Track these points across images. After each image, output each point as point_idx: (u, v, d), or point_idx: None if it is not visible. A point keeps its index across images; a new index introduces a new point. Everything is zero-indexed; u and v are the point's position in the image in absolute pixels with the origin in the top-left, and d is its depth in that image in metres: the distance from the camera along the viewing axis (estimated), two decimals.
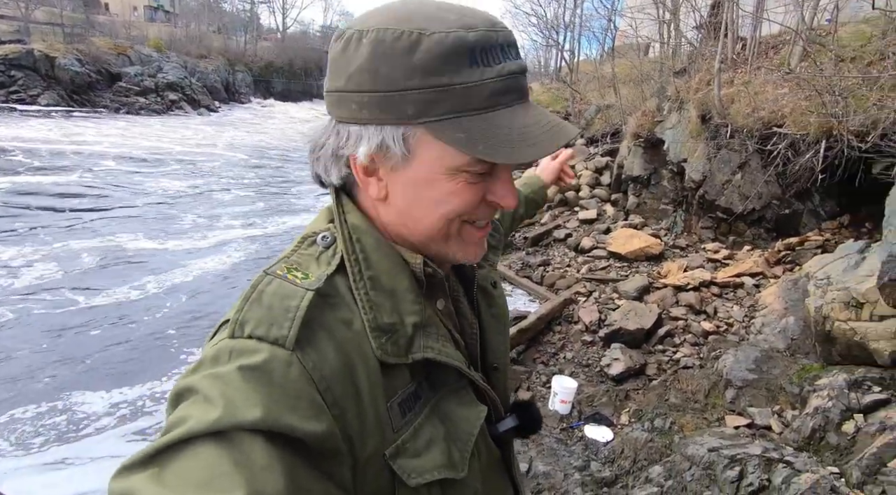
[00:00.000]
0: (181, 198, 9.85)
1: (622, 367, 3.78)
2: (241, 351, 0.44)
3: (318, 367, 0.46)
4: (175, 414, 0.42)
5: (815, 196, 5.11)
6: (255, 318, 0.46)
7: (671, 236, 6.39)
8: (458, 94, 0.47)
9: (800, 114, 4.69)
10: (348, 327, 0.49)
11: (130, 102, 23.39)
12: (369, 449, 0.48)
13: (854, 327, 2.90)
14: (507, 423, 0.65)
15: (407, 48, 0.46)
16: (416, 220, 0.54)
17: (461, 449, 0.55)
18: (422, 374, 0.54)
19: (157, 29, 34.19)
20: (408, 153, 0.50)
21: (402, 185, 0.52)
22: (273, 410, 0.41)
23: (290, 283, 0.49)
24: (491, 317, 0.69)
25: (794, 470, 2.25)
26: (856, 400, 2.61)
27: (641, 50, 10.86)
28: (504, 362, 0.71)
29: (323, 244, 0.54)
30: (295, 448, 0.42)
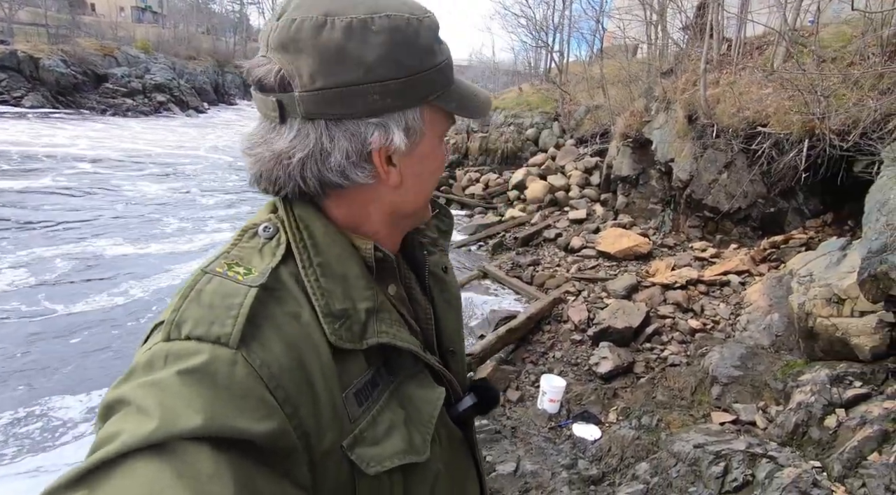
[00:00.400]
0: (163, 201, 9.62)
1: (610, 366, 3.80)
2: (178, 354, 0.42)
3: (267, 364, 0.44)
4: (104, 429, 0.39)
5: (799, 194, 5.18)
6: (194, 318, 0.44)
7: (659, 235, 6.45)
8: (444, 69, 0.53)
9: (783, 113, 4.76)
10: (297, 320, 0.48)
11: (117, 104, 23.12)
12: (327, 443, 0.47)
13: (836, 323, 2.94)
14: (466, 402, 0.65)
15: (415, 34, 0.50)
16: (419, 194, 0.58)
17: (423, 433, 0.54)
18: (378, 360, 0.54)
19: (145, 30, 33.86)
20: (424, 128, 0.54)
21: (413, 164, 0.55)
22: (218, 414, 0.39)
23: (230, 281, 0.47)
24: (444, 302, 0.69)
25: (777, 465, 2.28)
26: (837, 395, 2.64)
27: (629, 51, 10.95)
28: (460, 346, 0.71)
29: (265, 235, 0.52)
30: (245, 451, 0.40)
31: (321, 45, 0.47)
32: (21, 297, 5.13)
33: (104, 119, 20.94)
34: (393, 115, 0.51)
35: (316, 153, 0.50)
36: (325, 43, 0.47)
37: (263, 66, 0.50)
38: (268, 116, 0.51)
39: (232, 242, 0.52)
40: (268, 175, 0.52)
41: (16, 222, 7.41)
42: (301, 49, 0.47)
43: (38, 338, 4.46)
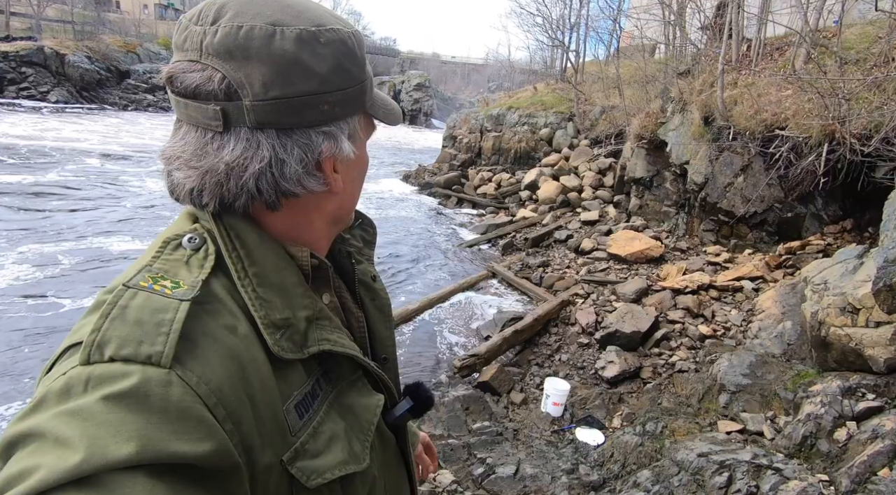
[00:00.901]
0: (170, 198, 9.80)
1: (617, 370, 3.76)
2: (102, 377, 0.38)
3: (205, 381, 0.41)
4: (11, 467, 0.35)
5: (817, 199, 5.05)
6: (119, 337, 0.40)
7: (673, 238, 6.35)
8: (370, 78, 0.56)
9: (803, 116, 4.64)
10: (233, 333, 0.46)
11: (138, 99, 23.62)
12: (267, 458, 0.45)
13: (849, 333, 2.86)
14: (402, 407, 0.66)
15: (356, 46, 0.52)
16: (353, 198, 0.60)
17: (362, 441, 0.55)
18: (317, 370, 0.53)
19: (167, 26, 34.46)
20: (362, 136, 0.57)
21: (351, 169, 0.57)
22: (153, 440, 0.36)
23: (158, 295, 0.43)
24: (376, 310, 0.70)
25: (782, 477, 2.23)
26: (849, 408, 2.57)
27: (647, 51, 10.79)
28: (392, 353, 0.71)
29: (191, 246, 0.49)
30: (185, 475, 0.38)
31: (275, 54, 0.46)
32: (28, 291, 5.14)
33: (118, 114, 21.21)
34: (339, 123, 0.52)
35: (273, 164, 0.48)
36: (278, 52, 0.46)
37: (196, 72, 0.47)
38: (203, 125, 0.48)
39: (153, 255, 0.48)
40: (213, 189, 0.49)
41: (21, 217, 7.39)
42: (251, 57, 0.46)
43: (46, 332, 4.49)
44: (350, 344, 0.56)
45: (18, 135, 13.76)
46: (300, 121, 0.49)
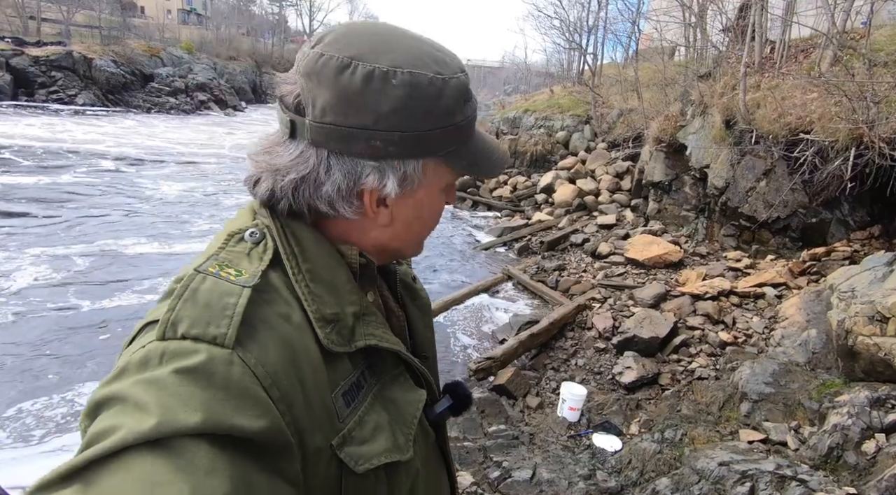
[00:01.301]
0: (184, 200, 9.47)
1: (634, 376, 3.71)
2: (174, 352, 0.42)
3: (262, 364, 0.45)
4: (98, 424, 0.39)
5: (843, 205, 4.92)
6: (190, 317, 0.44)
7: (692, 243, 6.25)
8: (462, 127, 0.55)
9: (829, 120, 4.53)
10: (288, 322, 0.49)
11: (161, 102, 24.15)
12: (317, 441, 0.48)
13: (878, 343, 2.78)
14: (442, 404, 0.68)
15: (437, 94, 0.52)
16: (406, 239, 0.61)
17: (405, 433, 0.57)
18: (363, 364, 0.56)
19: (189, 31, 35.27)
20: (423, 179, 0.56)
21: (407, 209, 0.58)
22: (216, 413, 0.40)
23: (224, 281, 0.48)
24: (416, 309, 0.72)
25: (808, 489, 2.18)
26: (878, 419, 2.50)
27: (666, 53, 10.66)
28: (432, 352, 0.74)
29: (252, 240, 0.53)
30: (242, 448, 0.41)
31: (340, 85, 0.50)
32: (47, 293, 5.18)
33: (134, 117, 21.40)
34: (392, 162, 0.53)
35: (310, 179, 0.53)
36: (343, 84, 0.49)
37: (289, 85, 0.54)
38: (281, 129, 0.55)
39: (219, 246, 0.52)
40: (266, 184, 0.54)
41: (36, 218, 7.44)
42: (321, 82, 0.50)
43: (66, 331, 4.56)
44: (394, 339, 0.58)
45: (35, 136, 14.02)
46: (347, 149, 0.52)
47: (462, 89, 0.54)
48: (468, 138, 0.57)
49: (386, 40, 0.52)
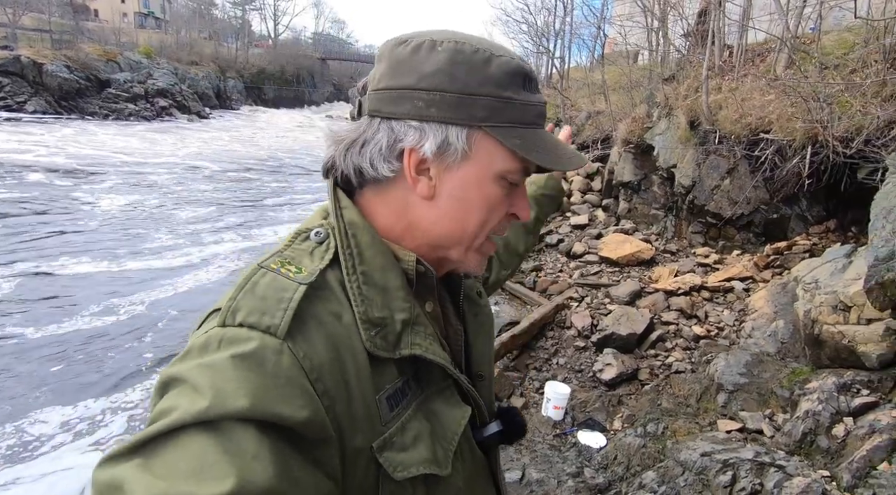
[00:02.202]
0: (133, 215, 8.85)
1: (615, 372, 3.78)
2: (232, 339, 0.45)
3: (309, 357, 0.46)
4: (161, 404, 0.42)
5: (802, 201, 5.17)
6: (248, 307, 0.47)
7: (662, 241, 6.44)
8: (518, 107, 0.54)
9: (786, 120, 4.76)
10: (338, 320, 0.50)
11: (119, 109, 23.23)
12: (358, 441, 0.49)
13: (842, 330, 2.93)
14: (491, 429, 0.66)
15: (483, 61, 0.53)
16: (454, 222, 0.57)
17: (445, 448, 0.56)
18: (409, 372, 0.55)
19: (148, 35, 34.08)
20: (469, 152, 0.54)
21: (452, 184, 0.55)
22: (263, 399, 0.42)
23: (283, 277, 0.50)
24: (478, 326, 0.70)
25: (785, 474, 2.26)
26: (845, 404, 2.63)
27: (631, 57, 10.99)
28: (489, 371, 0.71)
29: (316, 239, 0.55)
30: (286, 436, 0.42)
31: (394, 55, 0.54)
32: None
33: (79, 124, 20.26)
34: (434, 125, 0.53)
35: (359, 141, 0.56)
36: (396, 54, 0.54)
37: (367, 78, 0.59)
38: (355, 113, 0.59)
39: (286, 243, 0.56)
40: (331, 155, 0.58)
41: None
42: (381, 59, 0.56)
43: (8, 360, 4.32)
44: (441, 353, 0.57)
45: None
46: (395, 111, 0.54)
47: (518, 70, 0.54)
48: (527, 123, 0.55)
49: (449, 32, 0.55)
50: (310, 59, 48.43)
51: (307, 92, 46.21)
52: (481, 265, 0.62)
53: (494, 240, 0.63)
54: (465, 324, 0.68)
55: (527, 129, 0.55)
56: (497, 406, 0.70)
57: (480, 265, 0.62)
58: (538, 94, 0.57)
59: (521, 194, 0.60)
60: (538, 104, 0.56)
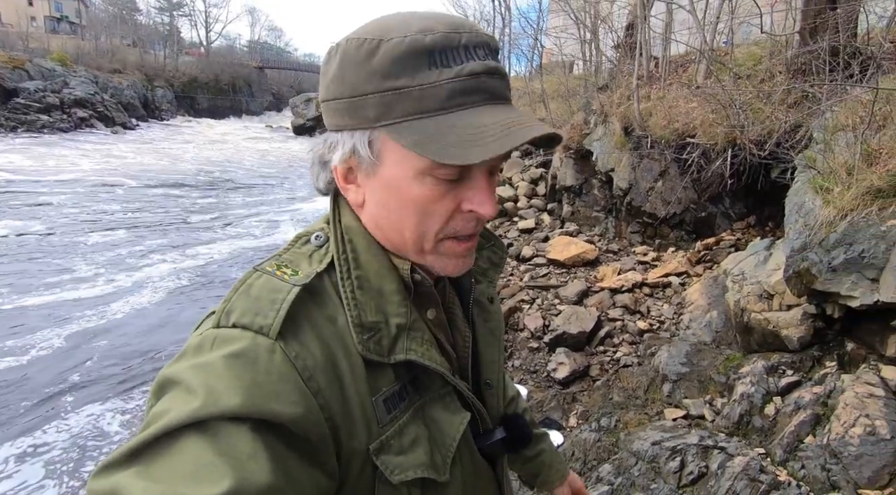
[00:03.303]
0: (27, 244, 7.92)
1: (567, 371, 3.90)
2: (225, 339, 0.45)
3: (301, 357, 0.46)
4: (157, 407, 0.42)
5: (725, 199, 5.61)
6: (241, 308, 0.48)
7: (604, 241, 6.75)
8: (415, 96, 0.47)
9: (708, 125, 5.16)
10: (333, 323, 0.51)
11: (30, 120, 21.24)
12: (354, 442, 0.49)
13: (767, 317, 3.19)
14: (495, 435, 0.64)
15: (367, 54, 0.48)
16: (393, 228, 0.54)
17: (443, 454, 0.55)
18: (406, 377, 0.54)
19: (62, 41, 31.48)
20: (374, 158, 0.51)
21: (375, 191, 0.53)
22: (257, 397, 0.42)
23: (278, 279, 0.51)
24: (487, 332, 0.68)
25: (727, 455, 2.42)
26: (774, 384, 2.86)
27: (567, 67, 11.51)
28: (497, 379, 0.69)
29: (316, 243, 0.56)
30: (281, 434, 0.42)
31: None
32: None
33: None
34: (344, 134, 0.52)
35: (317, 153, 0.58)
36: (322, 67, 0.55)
37: None
38: None
39: (286, 247, 0.56)
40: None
41: None
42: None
43: None
44: (439, 359, 0.56)
45: None
46: (327, 124, 0.55)
47: (411, 50, 0.46)
48: (433, 110, 0.47)
49: (378, 21, 0.51)
50: (246, 68, 46.72)
51: (245, 101, 44.49)
52: (456, 266, 0.56)
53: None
54: (474, 329, 0.66)
55: (432, 117, 0.47)
56: (504, 414, 0.70)
57: (455, 267, 0.56)
58: (463, 64, 0.47)
59: (473, 186, 0.51)
60: (454, 79, 0.46)
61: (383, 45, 0.47)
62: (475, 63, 0.47)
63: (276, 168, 19.30)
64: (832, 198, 2.73)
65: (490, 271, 0.70)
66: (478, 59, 0.48)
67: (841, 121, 3.19)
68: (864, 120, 2.84)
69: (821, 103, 3.72)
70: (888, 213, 2.43)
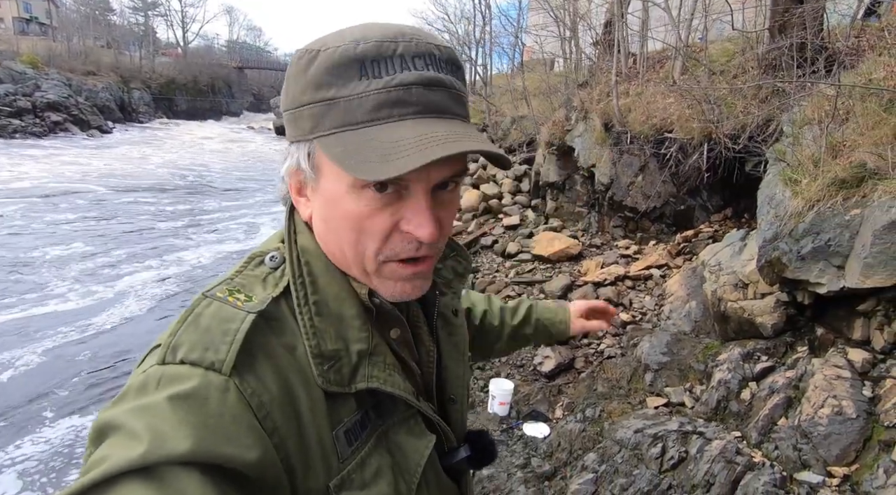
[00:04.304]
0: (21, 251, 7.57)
1: (553, 364, 3.97)
2: (171, 377, 0.42)
3: (258, 394, 0.43)
4: (95, 454, 0.39)
5: (703, 192, 5.75)
6: (190, 342, 0.44)
7: (588, 236, 6.86)
8: (342, 107, 0.45)
9: (685, 120, 5.28)
10: (291, 353, 0.47)
11: (2, 125, 20.63)
12: (312, 481, 0.46)
13: (742, 305, 3.30)
14: (459, 454, 0.63)
15: (305, 65, 0.47)
16: (335, 245, 0.52)
17: (408, 481, 0.53)
18: (368, 403, 0.52)
19: (32, 43, 30.60)
20: (312, 170, 0.49)
21: (319, 205, 0.51)
22: (207, 440, 0.39)
23: (231, 306, 0.47)
24: (451, 347, 0.66)
25: (706, 439, 2.51)
26: (749, 370, 2.96)
27: (547, 65, 11.61)
28: (462, 394, 0.68)
29: (271, 265, 0.52)
30: (232, 479, 0.39)
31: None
32: None
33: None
34: (294, 145, 0.51)
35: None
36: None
37: None
38: None
39: (238, 269, 0.52)
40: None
41: None
42: None
43: None
44: (401, 383, 0.54)
45: None
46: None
47: (343, 59, 0.45)
48: (356, 121, 0.45)
49: (333, 32, 0.50)
50: (225, 68, 46.05)
51: (224, 102, 43.84)
52: (403, 291, 0.53)
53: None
54: (438, 344, 0.64)
55: (357, 129, 0.45)
56: (468, 431, 0.68)
57: (402, 291, 0.53)
58: (395, 75, 0.45)
59: (411, 205, 0.48)
60: (382, 90, 0.44)
61: (320, 55, 0.46)
62: (408, 73, 0.45)
63: (255, 170, 19.06)
64: (800, 190, 2.84)
65: (454, 282, 0.66)
66: (413, 70, 0.45)
67: (808, 115, 3.31)
68: (828, 114, 2.96)
69: (789, 98, 3.85)
70: (851, 203, 2.55)
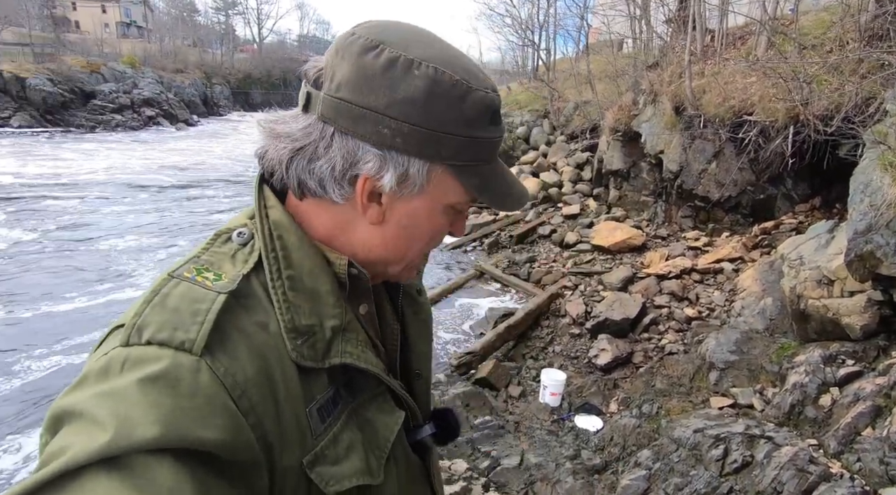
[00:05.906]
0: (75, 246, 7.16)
1: (609, 357, 3.85)
2: (138, 359, 0.39)
3: (231, 373, 0.42)
4: (52, 444, 0.36)
5: (787, 180, 5.25)
6: (157, 322, 0.42)
7: (653, 227, 6.51)
8: (481, 145, 0.52)
9: (768, 101, 4.82)
10: (264, 330, 0.47)
11: (106, 120, 23.04)
12: (287, 459, 0.46)
13: (826, 304, 3.00)
14: (425, 431, 0.64)
15: (459, 97, 0.49)
16: (399, 247, 0.56)
17: (378, 456, 0.54)
18: (340, 380, 0.52)
19: (131, 45, 33.79)
20: (426, 185, 0.52)
21: (402, 213, 0.53)
22: (179, 424, 0.37)
23: (199, 286, 0.45)
24: (417, 324, 0.69)
25: (775, 445, 2.33)
26: (831, 375, 2.70)
27: (615, 46, 11.03)
28: (427, 368, 0.70)
29: (239, 241, 0.51)
30: (206, 462, 0.38)
31: (361, 64, 0.48)
32: None
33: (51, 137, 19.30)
34: (397, 155, 0.49)
35: (307, 151, 0.50)
36: (365, 63, 0.48)
37: (317, 62, 0.52)
38: (299, 102, 0.53)
39: (203, 246, 0.50)
40: (271, 154, 0.52)
41: None
42: (344, 58, 0.49)
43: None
44: (374, 360, 0.55)
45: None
46: (354, 129, 0.49)
47: (489, 106, 0.51)
48: (487, 161, 0.54)
49: (422, 38, 0.51)
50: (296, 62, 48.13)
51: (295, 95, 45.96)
52: (411, 275, 0.63)
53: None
54: (403, 322, 0.66)
55: (485, 166, 0.54)
56: (434, 408, 0.69)
57: (413, 275, 0.63)
58: (500, 126, 0.55)
59: (463, 218, 0.59)
60: (498, 138, 0.54)
61: (471, 93, 0.49)
62: (502, 126, 0.56)
63: None
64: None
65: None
66: (502, 123, 0.56)
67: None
68: None
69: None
70: None
